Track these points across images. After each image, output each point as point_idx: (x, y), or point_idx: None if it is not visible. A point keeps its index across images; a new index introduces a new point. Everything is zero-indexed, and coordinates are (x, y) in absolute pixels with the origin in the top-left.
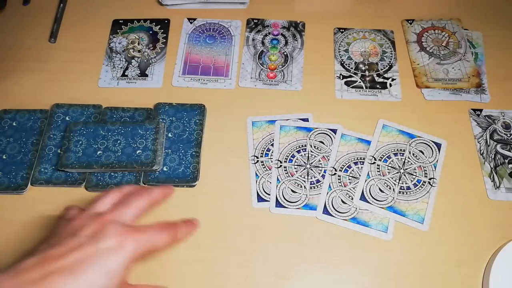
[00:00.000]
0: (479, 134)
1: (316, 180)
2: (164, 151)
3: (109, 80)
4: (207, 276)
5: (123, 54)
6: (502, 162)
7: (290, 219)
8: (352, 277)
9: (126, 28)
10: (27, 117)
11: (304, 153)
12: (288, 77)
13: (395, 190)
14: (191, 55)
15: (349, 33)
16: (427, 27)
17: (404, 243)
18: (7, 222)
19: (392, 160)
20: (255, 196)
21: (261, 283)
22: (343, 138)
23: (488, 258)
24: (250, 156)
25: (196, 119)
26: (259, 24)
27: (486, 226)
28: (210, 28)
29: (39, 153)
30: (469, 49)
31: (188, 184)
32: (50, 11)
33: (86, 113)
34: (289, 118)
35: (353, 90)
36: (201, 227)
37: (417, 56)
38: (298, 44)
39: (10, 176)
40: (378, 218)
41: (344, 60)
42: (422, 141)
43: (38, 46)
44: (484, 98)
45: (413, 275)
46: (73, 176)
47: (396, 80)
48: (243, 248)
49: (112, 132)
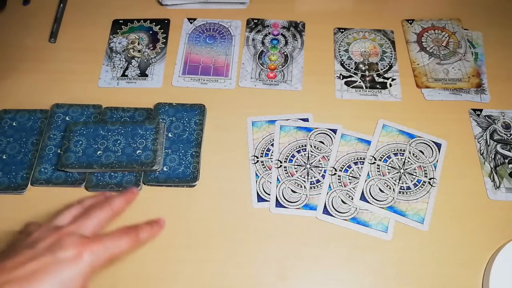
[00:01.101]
0: (479, 134)
1: (316, 180)
2: (164, 151)
3: (109, 80)
4: (207, 276)
5: (123, 54)
6: (502, 162)
7: (290, 219)
8: (352, 277)
9: (126, 28)
10: (27, 117)
11: (304, 153)
12: (288, 77)
13: (395, 190)
14: (191, 55)
15: (349, 33)
16: (427, 27)
17: (404, 243)
18: (7, 222)
19: (392, 160)
20: (255, 196)
21: (261, 283)
22: (343, 138)
23: (488, 258)
24: (250, 156)
25: (196, 119)
26: (259, 24)
27: (486, 226)
28: (210, 28)
29: (39, 153)
30: (469, 49)
31: (188, 184)
32: (50, 11)
33: (86, 113)
34: (289, 118)
35: (353, 90)
36: (201, 227)
37: (417, 56)
38: (298, 44)
39: (10, 176)
40: (378, 218)
41: (344, 60)
42: (422, 141)
43: (38, 46)
44: (484, 98)
45: (413, 275)
46: (73, 176)
47: (396, 80)
48: (243, 248)
49: (112, 132)
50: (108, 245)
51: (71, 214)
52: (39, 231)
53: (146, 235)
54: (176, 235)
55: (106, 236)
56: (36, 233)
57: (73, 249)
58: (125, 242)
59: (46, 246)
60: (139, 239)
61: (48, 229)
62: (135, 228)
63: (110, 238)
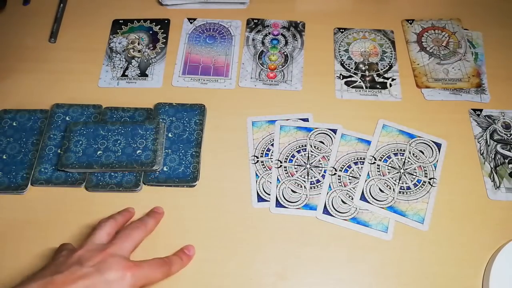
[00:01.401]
0: (479, 134)
1: (316, 180)
2: (164, 151)
3: (109, 80)
4: (207, 276)
5: (123, 54)
6: (502, 162)
7: (290, 219)
8: (352, 277)
9: (126, 28)
10: (27, 117)
11: (304, 153)
12: (288, 77)
13: (395, 190)
14: (191, 55)
15: (349, 33)
16: (427, 27)
17: (404, 243)
18: (7, 222)
19: (392, 160)
20: (255, 196)
21: (261, 283)
22: (343, 138)
23: (488, 258)
24: (250, 156)
25: (196, 119)
26: (259, 24)
27: (486, 226)
28: (210, 28)
29: (39, 153)
30: (469, 49)
31: (188, 184)
32: (50, 11)
33: (86, 113)
34: (289, 118)
35: (353, 90)
36: (201, 227)
37: (417, 56)
38: (298, 44)
39: (10, 176)
40: (378, 218)
41: (344, 60)
42: (422, 141)
43: (38, 46)
44: (484, 98)
45: (413, 275)
46: (73, 176)
47: (396, 80)
48: (243, 248)
49: (112, 132)
50: (146, 273)
51: (106, 232)
52: (83, 250)
53: (177, 268)
54: (176, 235)
55: (145, 264)
56: (81, 251)
57: (119, 272)
58: (160, 272)
59: (94, 265)
60: (171, 272)
61: (92, 248)
62: (169, 261)
63: (148, 267)
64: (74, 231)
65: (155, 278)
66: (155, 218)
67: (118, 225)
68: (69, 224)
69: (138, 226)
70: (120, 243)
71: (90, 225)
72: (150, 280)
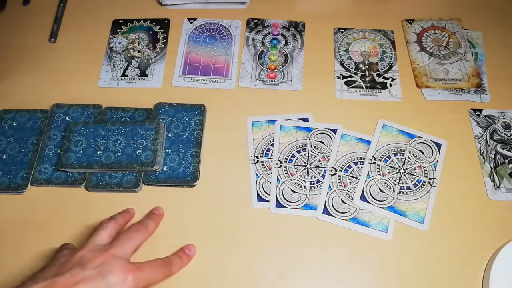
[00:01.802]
0: (479, 134)
1: (316, 180)
2: (164, 151)
3: (109, 80)
4: (207, 276)
5: (123, 54)
6: (502, 162)
7: (290, 219)
8: (352, 277)
9: (126, 28)
10: (27, 117)
11: (304, 153)
12: (288, 77)
13: (395, 190)
14: (191, 55)
15: (349, 33)
16: (427, 27)
17: (404, 243)
18: (7, 222)
19: (392, 160)
20: (255, 196)
21: (261, 283)
22: (343, 138)
23: (488, 258)
24: (250, 156)
25: (196, 119)
26: (259, 24)
27: (486, 226)
28: (210, 28)
29: (39, 153)
30: (469, 49)
31: (188, 184)
32: (50, 11)
33: (86, 113)
34: (289, 118)
35: (353, 90)
36: (201, 227)
37: (417, 56)
38: (298, 44)
39: (10, 176)
40: (378, 218)
41: (344, 60)
42: (422, 141)
43: (38, 46)
44: (484, 98)
45: (413, 275)
46: (73, 176)
47: (396, 80)
48: (243, 248)
49: (112, 132)
50: (147, 275)
51: (107, 233)
52: (84, 250)
53: (177, 269)
54: (176, 235)
55: (146, 265)
56: (82, 252)
57: (120, 274)
58: (160, 273)
59: (95, 267)
60: (171, 273)
61: (93, 249)
62: (169, 262)
63: (149, 268)
64: (74, 231)
65: (156, 280)
66: (155, 221)
67: (119, 226)
68: (69, 224)
69: (139, 228)
70: (122, 245)
71: (90, 225)
72: (151, 281)
